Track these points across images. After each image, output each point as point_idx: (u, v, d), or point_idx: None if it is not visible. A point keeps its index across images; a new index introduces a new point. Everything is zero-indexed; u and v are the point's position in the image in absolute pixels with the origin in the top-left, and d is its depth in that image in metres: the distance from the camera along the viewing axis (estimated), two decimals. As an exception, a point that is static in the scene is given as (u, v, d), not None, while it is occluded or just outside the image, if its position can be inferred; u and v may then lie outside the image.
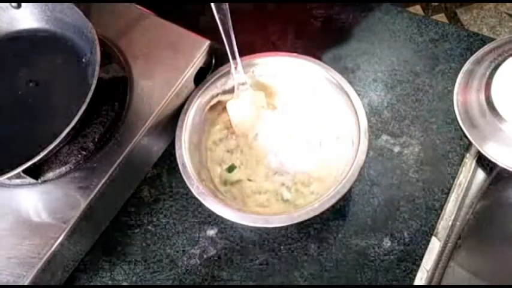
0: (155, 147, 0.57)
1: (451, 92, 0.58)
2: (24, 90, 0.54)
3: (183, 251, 0.54)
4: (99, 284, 0.53)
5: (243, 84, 0.55)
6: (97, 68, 0.48)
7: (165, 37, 0.57)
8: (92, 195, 0.49)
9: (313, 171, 0.54)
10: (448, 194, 0.54)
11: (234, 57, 0.53)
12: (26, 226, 0.49)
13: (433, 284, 0.51)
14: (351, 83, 0.53)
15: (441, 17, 1.47)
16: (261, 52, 0.56)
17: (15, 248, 0.48)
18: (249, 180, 0.54)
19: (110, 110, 0.53)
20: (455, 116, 0.56)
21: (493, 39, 0.60)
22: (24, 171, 0.46)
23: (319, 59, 0.55)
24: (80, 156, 0.51)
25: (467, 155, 0.56)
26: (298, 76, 0.56)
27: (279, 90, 0.58)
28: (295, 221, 0.47)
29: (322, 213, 0.47)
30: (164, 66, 0.55)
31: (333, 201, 0.47)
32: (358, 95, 0.52)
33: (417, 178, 0.55)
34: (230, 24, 0.50)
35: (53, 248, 0.47)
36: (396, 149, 0.57)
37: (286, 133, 0.56)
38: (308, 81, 0.56)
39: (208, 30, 0.55)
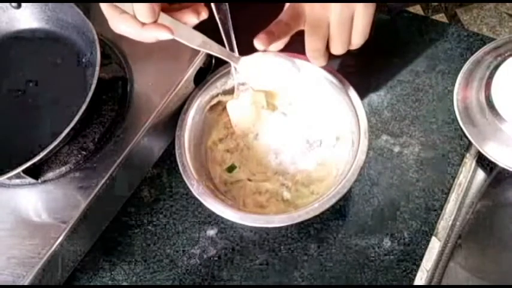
0: (155, 147, 0.57)
1: (451, 92, 0.58)
2: (24, 90, 0.54)
3: (183, 251, 0.54)
4: (99, 284, 0.53)
5: (243, 84, 0.55)
6: (97, 68, 0.48)
7: (165, 37, 0.57)
8: (92, 195, 0.49)
9: (313, 171, 0.54)
10: (448, 194, 0.54)
11: (234, 57, 0.53)
12: (26, 226, 0.49)
13: (433, 284, 0.51)
14: (350, 83, 0.53)
15: (441, 17, 1.47)
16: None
17: (15, 248, 0.48)
18: (249, 180, 0.54)
19: (110, 110, 0.53)
20: (455, 116, 0.56)
21: (493, 39, 0.60)
22: (24, 171, 0.46)
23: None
24: (80, 156, 0.51)
25: (467, 155, 0.56)
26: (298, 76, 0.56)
27: (279, 90, 0.58)
28: (295, 221, 0.47)
29: (322, 213, 0.47)
30: (164, 66, 0.55)
31: (333, 201, 0.47)
32: (358, 95, 0.52)
33: (417, 178, 0.55)
34: (230, 24, 0.50)
35: (53, 248, 0.47)
36: (396, 149, 0.57)
37: (286, 133, 0.56)
38: (308, 81, 0.56)
39: (208, 30, 0.55)
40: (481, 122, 0.54)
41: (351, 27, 0.49)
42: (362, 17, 0.48)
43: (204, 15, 0.47)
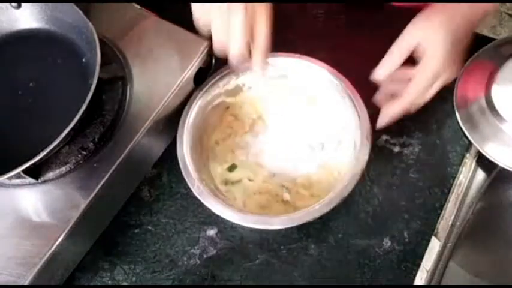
0: (155, 147, 0.57)
1: (451, 92, 0.58)
2: (24, 90, 0.54)
3: (183, 251, 0.54)
4: (99, 284, 0.53)
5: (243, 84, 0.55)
6: (97, 68, 0.48)
7: (165, 37, 0.57)
8: (92, 195, 0.49)
9: (314, 174, 0.54)
10: (448, 194, 0.54)
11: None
12: (26, 226, 0.49)
13: (433, 284, 0.52)
14: (351, 83, 0.53)
15: (441, 17, 1.47)
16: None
17: (15, 248, 0.48)
18: (250, 180, 0.54)
19: (110, 110, 0.53)
20: (455, 116, 0.56)
21: (493, 39, 0.60)
22: (24, 171, 0.46)
23: (321, 59, 0.55)
24: (80, 156, 0.51)
25: (467, 155, 0.56)
26: (300, 77, 0.56)
27: (280, 91, 0.58)
28: (296, 223, 0.47)
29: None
30: (164, 66, 0.55)
31: (333, 204, 0.47)
32: (359, 95, 0.52)
33: (417, 178, 0.55)
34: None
35: (53, 248, 0.47)
36: (396, 149, 0.57)
37: (287, 136, 0.56)
38: (310, 82, 0.56)
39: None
40: (481, 122, 0.54)
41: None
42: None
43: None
